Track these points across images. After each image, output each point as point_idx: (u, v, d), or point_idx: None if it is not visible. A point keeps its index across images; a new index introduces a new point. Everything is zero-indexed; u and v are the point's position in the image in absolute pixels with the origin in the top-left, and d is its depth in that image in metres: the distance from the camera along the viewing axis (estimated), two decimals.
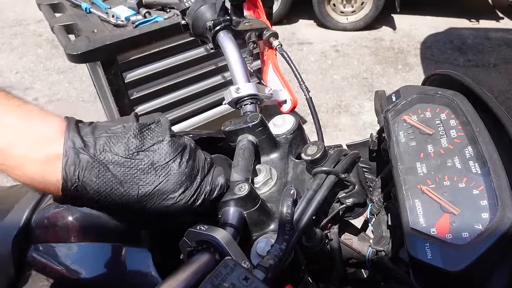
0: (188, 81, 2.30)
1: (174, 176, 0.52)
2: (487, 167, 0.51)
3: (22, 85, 3.95)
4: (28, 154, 0.47)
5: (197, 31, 0.93)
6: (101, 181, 0.48)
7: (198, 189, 0.54)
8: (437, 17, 5.26)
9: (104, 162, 0.48)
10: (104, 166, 0.48)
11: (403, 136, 0.63)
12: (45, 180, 0.48)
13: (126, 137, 0.50)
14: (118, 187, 0.49)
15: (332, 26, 4.97)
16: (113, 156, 0.49)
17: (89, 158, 0.48)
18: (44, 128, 0.48)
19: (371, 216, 0.75)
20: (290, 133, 0.73)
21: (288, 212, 0.53)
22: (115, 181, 0.49)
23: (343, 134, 3.29)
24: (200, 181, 0.54)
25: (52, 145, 0.48)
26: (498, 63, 4.26)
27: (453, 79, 0.68)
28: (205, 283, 0.40)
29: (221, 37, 0.89)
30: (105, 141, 0.50)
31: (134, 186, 0.50)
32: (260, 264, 0.48)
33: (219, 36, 0.90)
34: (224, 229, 0.51)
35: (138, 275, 0.65)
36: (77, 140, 0.48)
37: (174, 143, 0.53)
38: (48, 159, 0.47)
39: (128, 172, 0.50)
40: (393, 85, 3.89)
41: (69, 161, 0.47)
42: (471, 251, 0.44)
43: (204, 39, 0.96)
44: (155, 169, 0.51)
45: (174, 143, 0.53)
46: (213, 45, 0.93)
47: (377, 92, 0.77)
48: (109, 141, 0.50)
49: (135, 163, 0.50)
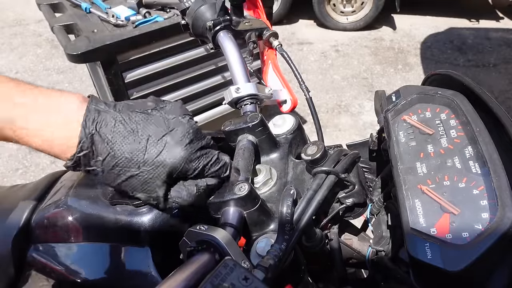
0: (188, 81, 2.30)
1: (183, 127, 0.56)
2: (487, 167, 0.51)
3: None
4: (49, 119, 0.52)
5: (197, 31, 0.93)
6: (116, 131, 0.53)
7: (205, 149, 0.58)
8: (437, 17, 5.26)
9: (121, 118, 0.54)
10: (121, 121, 0.54)
11: (403, 136, 0.63)
12: (62, 142, 0.52)
13: (144, 101, 0.59)
14: (129, 136, 0.53)
15: (332, 26, 4.97)
16: (130, 113, 0.55)
17: (108, 114, 0.53)
18: (68, 97, 0.54)
19: (371, 216, 0.75)
20: (290, 133, 0.73)
21: (288, 212, 0.53)
22: (127, 131, 0.53)
23: (343, 134, 3.29)
24: (206, 143, 0.59)
25: (74, 112, 0.53)
26: (498, 63, 4.26)
27: (453, 79, 0.68)
28: (205, 283, 0.40)
29: (221, 37, 0.89)
30: (124, 104, 0.57)
31: (143, 136, 0.54)
32: (260, 264, 0.48)
33: (219, 36, 0.89)
34: (224, 229, 0.51)
35: (138, 275, 0.65)
36: (99, 103, 0.54)
37: (183, 106, 0.60)
38: (69, 122, 0.52)
39: (142, 124, 0.55)
40: (393, 85, 3.89)
41: (89, 116, 0.52)
42: (471, 251, 0.44)
43: (204, 39, 0.96)
44: (167, 120, 0.56)
45: (184, 107, 0.60)
46: (213, 45, 0.92)
47: (377, 92, 0.77)
48: (127, 104, 0.57)
49: (149, 118, 0.56)
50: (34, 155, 3.05)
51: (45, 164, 2.98)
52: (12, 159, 3.03)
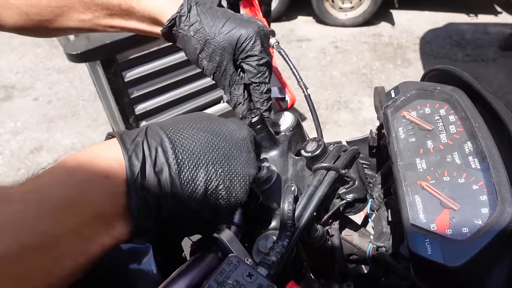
0: (187, 79, 2.30)
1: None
2: (487, 162, 0.51)
3: (23, 85, 3.95)
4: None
5: None
6: (206, 12, 0.67)
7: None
8: (436, 12, 5.25)
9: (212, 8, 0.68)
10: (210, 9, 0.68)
11: (403, 132, 0.63)
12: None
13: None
14: (215, 19, 0.66)
15: (331, 23, 4.96)
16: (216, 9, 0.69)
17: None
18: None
19: (372, 212, 0.75)
20: (289, 130, 0.73)
21: (290, 208, 0.54)
22: (215, 16, 0.67)
23: (342, 130, 3.29)
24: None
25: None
26: (497, 57, 4.26)
27: (452, 75, 0.68)
28: (209, 280, 0.40)
29: None
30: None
31: (223, 19, 0.67)
32: (263, 261, 0.48)
33: None
34: (226, 227, 0.51)
35: (139, 273, 0.66)
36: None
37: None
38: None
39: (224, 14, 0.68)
40: (392, 81, 3.88)
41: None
42: (471, 246, 0.45)
43: None
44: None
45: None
46: None
47: (376, 88, 0.77)
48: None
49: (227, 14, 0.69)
50: (36, 155, 3.06)
51: (46, 163, 2.98)
52: (14, 159, 3.04)
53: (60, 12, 0.70)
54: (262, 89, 0.69)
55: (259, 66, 0.67)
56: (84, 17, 0.71)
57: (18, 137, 3.26)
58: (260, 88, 0.69)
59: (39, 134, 3.28)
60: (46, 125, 3.41)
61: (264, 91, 0.69)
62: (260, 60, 0.66)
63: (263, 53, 0.67)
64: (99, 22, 0.72)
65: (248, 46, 0.65)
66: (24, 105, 3.67)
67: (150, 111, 2.26)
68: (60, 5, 0.69)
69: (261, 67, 0.67)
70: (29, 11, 0.69)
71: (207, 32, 0.66)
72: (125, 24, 0.72)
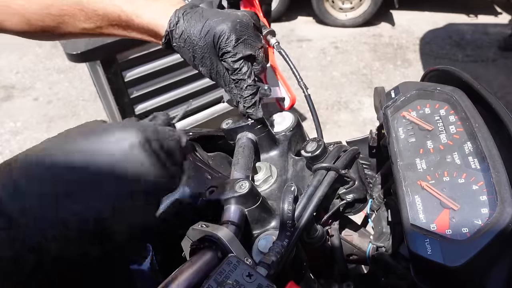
0: (187, 79, 2.30)
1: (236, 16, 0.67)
2: (486, 163, 0.51)
3: (23, 85, 3.95)
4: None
5: None
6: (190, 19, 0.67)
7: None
8: (436, 12, 5.25)
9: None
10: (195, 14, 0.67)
11: (403, 132, 0.63)
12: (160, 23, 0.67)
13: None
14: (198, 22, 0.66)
15: (331, 23, 4.96)
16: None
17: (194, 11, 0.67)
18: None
19: (371, 212, 0.76)
20: (289, 130, 0.73)
21: (290, 208, 0.54)
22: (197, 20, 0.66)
23: (343, 130, 3.29)
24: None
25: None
26: (496, 58, 4.26)
27: (452, 75, 0.68)
28: (209, 280, 0.40)
29: None
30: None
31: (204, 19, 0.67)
32: (263, 261, 0.48)
33: None
34: (225, 227, 0.51)
35: (139, 273, 0.66)
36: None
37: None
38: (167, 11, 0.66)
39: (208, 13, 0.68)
40: (392, 81, 3.88)
41: (180, 10, 0.66)
42: (470, 247, 0.45)
43: None
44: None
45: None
46: None
47: (376, 89, 0.77)
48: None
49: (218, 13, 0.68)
50: None
51: None
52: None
53: (62, 21, 0.71)
54: (241, 85, 0.66)
55: (234, 63, 0.64)
56: (87, 26, 0.72)
57: (18, 137, 3.26)
58: (239, 85, 0.66)
59: (39, 134, 3.27)
60: (46, 125, 3.41)
61: (244, 88, 0.66)
62: (235, 55, 0.64)
63: (239, 48, 0.64)
64: (102, 31, 0.73)
65: (222, 43, 0.64)
66: (24, 105, 3.67)
67: (150, 111, 2.26)
68: (61, 14, 0.70)
69: (236, 63, 0.64)
70: (31, 18, 0.70)
71: (192, 39, 0.65)
72: (128, 34, 0.74)
